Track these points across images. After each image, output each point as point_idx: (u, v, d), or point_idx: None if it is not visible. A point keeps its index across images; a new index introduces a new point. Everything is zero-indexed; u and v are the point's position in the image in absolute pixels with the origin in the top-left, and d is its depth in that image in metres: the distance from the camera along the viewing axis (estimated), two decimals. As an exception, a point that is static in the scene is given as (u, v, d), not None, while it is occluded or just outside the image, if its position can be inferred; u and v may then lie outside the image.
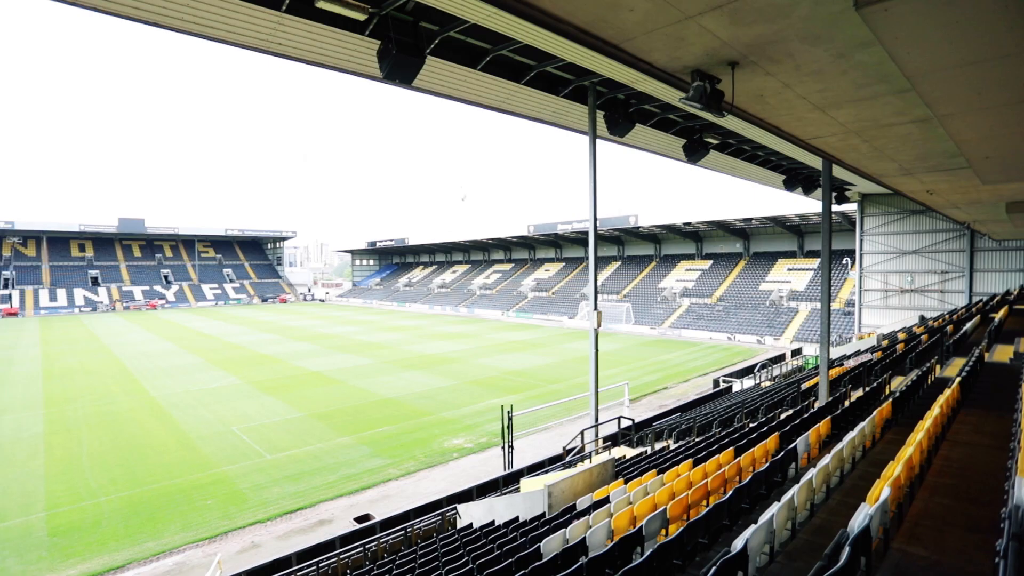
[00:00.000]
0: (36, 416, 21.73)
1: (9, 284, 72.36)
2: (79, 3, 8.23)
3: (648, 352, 37.25)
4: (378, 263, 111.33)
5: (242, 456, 17.05)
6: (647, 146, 18.60)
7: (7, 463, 16.64)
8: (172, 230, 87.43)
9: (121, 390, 26.15)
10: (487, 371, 30.23)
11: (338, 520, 12.95)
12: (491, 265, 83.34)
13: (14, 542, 12.08)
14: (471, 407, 22.61)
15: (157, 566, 11.24)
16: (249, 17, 9.24)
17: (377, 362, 33.22)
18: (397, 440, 18.53)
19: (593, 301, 15.27)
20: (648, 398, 24.49)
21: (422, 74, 10.53)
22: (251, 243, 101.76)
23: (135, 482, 15.20)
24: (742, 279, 51.64)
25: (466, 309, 68.66)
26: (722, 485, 7.51)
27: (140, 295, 78.59)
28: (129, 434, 19.31)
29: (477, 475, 14.99)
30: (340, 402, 23.54)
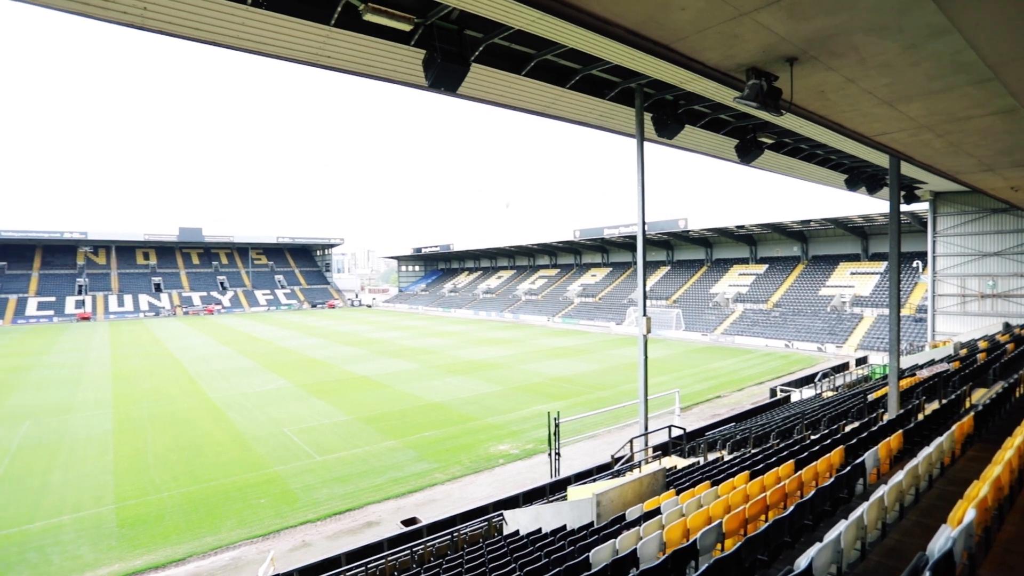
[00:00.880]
0: (106, 415, 23.10)
1: (83, 290, 77.61)
2: (147, 27, 8.71)
3: (699, 359, 36.25)
4: (423, 269, 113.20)
5: (293, 457, 17.56)
6: (697, 148, 18.13)
7: (81, 458, 17.73)
8: (227, 238, 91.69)
9: (181, 391, 27.49)
10: (533, 377, 30.13)
11: (385, 522, 13.12)
12: (536, 270, 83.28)
13: (88, 531, 12.82)
14: (517, 413, 22.56)
15: (215, 560, 11.68)
16: (300, 33, 9.54)
17: (423, 367, 33.68)
18: (443, 445, 18.66)
19: (642, 306, 14.95)
20: (700, 407, 23.79)
21: (467, 81, 10.60)
22: (301, 250, 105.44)
23: (195, 479, 15.89)
24: (800, 284, 49.59)
25: (511, 315, 68.81)
26: (782, 500, 7.14)
27: (198, 301, 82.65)
28: (189, 433, 20.24)
29: (523, 482, 14.90)
30: (387, 406, 23.95)
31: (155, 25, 8.75)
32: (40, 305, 71.67)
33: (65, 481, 15.85)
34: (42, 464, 17.28)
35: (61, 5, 7.92)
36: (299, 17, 9.16)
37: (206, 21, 8.87)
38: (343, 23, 9.48)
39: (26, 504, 14.32)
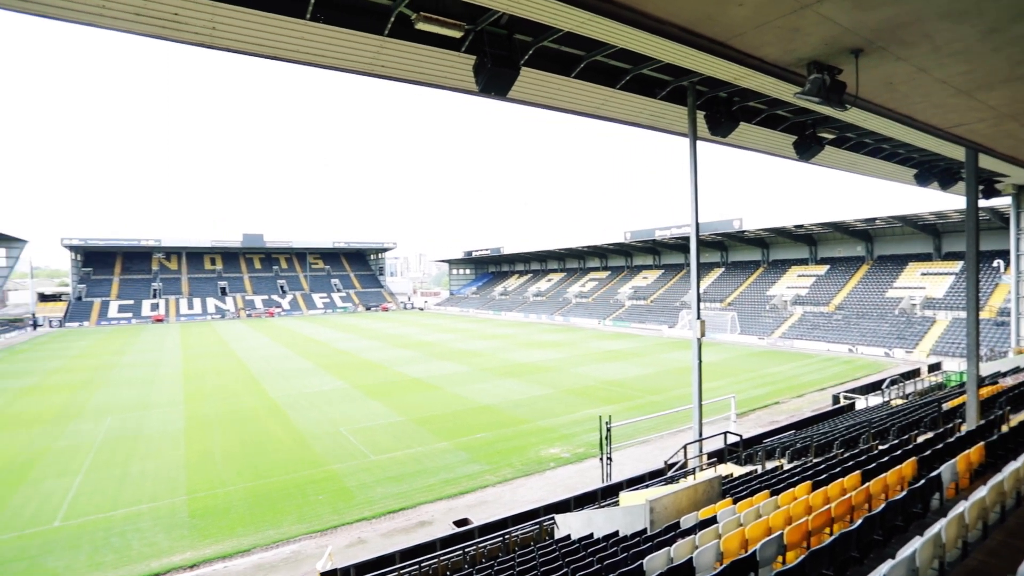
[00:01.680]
0: (178, 412, 24.59)
1: (157, 294, 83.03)
2: (216, 46, 9.24)
3: (756, 364, 34.94)
4: (474, 272, 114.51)
5: (349, 456, 18.12)
6: (753, 145, 17.52)
7: (157, 453, 18.94)
8: (287, 243, 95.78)
9: (245, 390, 28.90)
10: (584, 380, 29.91)
11: (437, 522, 13.32)
12: (587, 273, 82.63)
13: (163, 520, 13.68)
14: (568, 416, 22.44)
15: (277, 552, 12.20)
16: (356, 44, 9.87)
17: (474, 369, 34.04)
18: (494, 447, 18.79)
19: (696, 309, 14.57)
20: (757, 413, 22.94)
21: (516, 85, 10.66)
22: (355, 254, 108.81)
23: (258, 475, 16.66)
24: (865, 285, 46.99)
25: (561, 317, 68.54)
26: (848, 512, 6.79)
27: (260, 304, 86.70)
28: (252, 431, 21.24)
29: (574, 486, 14.80)
30: (439, 408, 24.35)
31: (223, 43, 9.27)
32: (120, 308, 77.17)
33: (143, 472, 16.98)
34: (123, 456, 18.58)
35: (143, 30, 8.52)
36: (354, 29, 9.49)
37: (268, 37, 9.33)
38: (396, 33, 9.75)
39: (110, 492, 15.44)
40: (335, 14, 9.19)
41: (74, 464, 17.89)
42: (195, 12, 8.38)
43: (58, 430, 21.98)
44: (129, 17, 8.24)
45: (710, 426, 19.50)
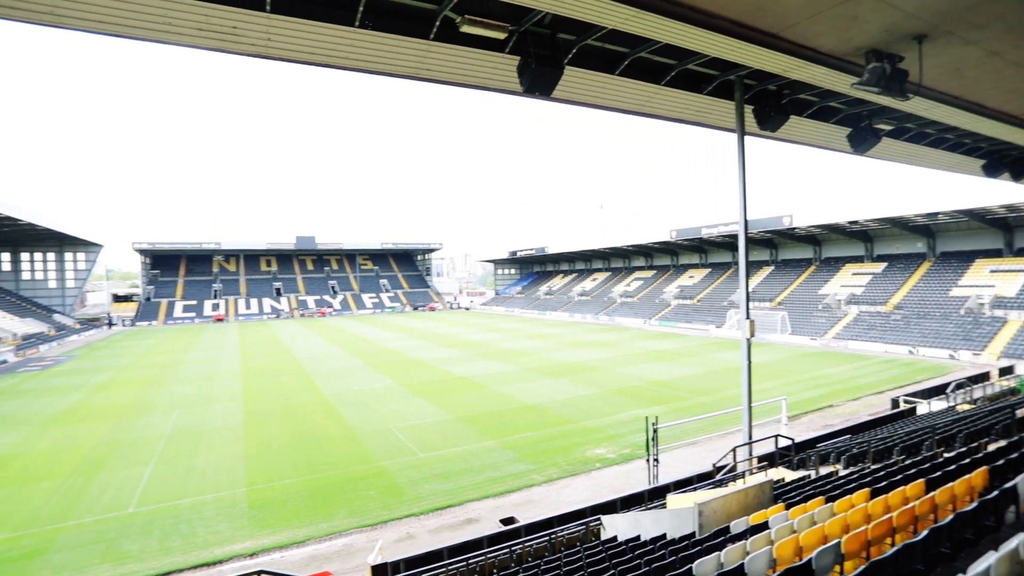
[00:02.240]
0: (237, 407, 25.81)
1: (217, 295, 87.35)
2: (270, 56, 9.67)
3: (808, 365, 33.57)
4: (519, 272, 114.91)
5: (398, 453, 18.55)
6: (803, 139, 16.84)
7: (218, 445, 19.96)
8: (337, 245, 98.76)
9: (299, 387, 30.03)
10: (630, 380, 29.55)
11: (484, 520, 13.47)
12: (632, 272, 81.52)
13: (225, 510, 14.41)
14: (613, 417, 22.23)
15: (330, 544, 12.64)
16: (402, 49, 10.10)
17: (520, 369, 34.18)
18: (539, 447, 18.83)
19: (744, 309, 14.16)
20: (809, 416, 22.05)
21: (560, 84, 10.64)
22: (403, 255, 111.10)
23: (311, 469, 17.29)
24: (926, 283, 44.34)
25: (606, 317, 67.89)
26: (911, 522, 6.46)
27: (313, 304, 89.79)
28: (306, 427, 22.06)
29: (620, 487, 14.66)
30: (485, 407, 24.59)
31: (277, 53, 9.69)
32: (184, 308, 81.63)
33: (206, 464, 17.93)
34: (188, 448, 19.69)
35: (205, 44, 9.01)
36: (401, 34, 9.72)
37: (320, 46, 9.68)
38: (441, 36, 9.93)
39: (177, 482, 16.40)
40: (382, 20, 9.44)
41: (145, 455, 19.09)
42: (252, 25, 8.79)
43: (131, 423, 23.50)
44: (193, 32, 8.74)
45: (760, 429, 18.89)
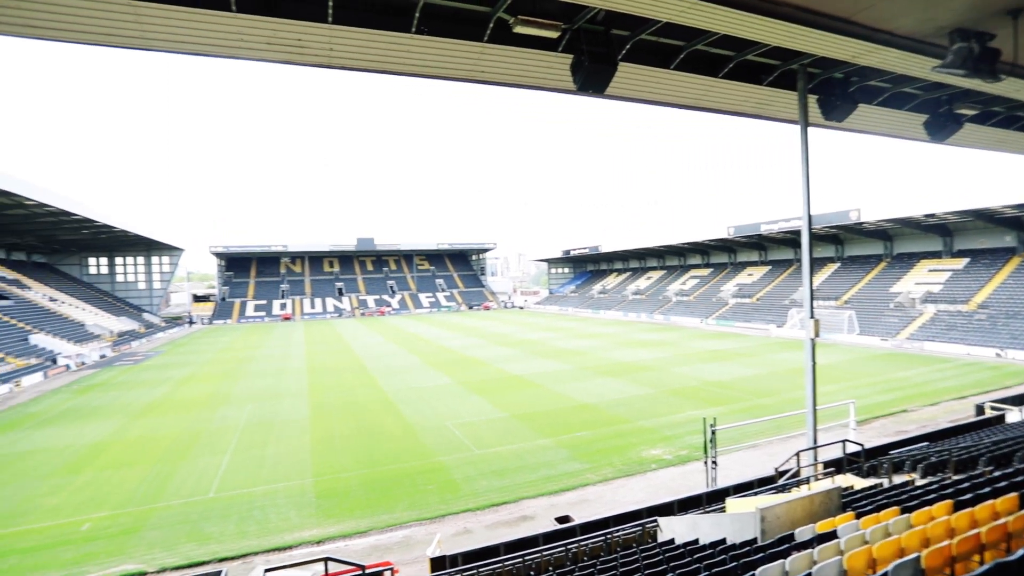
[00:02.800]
0: (304, 402, 27.09)
1: (284, 295, 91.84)
2: (333, 65, 10.10)
3: (878, 367, 31.56)
4: (572, 271, 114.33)
5: (455, 449, 18.93)
6: (873, 129, 15.85)
7: (287, 437, 21.04)
8: (395, 246, 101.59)
9: (360, 384, 31.16)
10: (686, 381, 28.83)
11: (539, 518, 13.55)
12: (687, 270, 79.38)
13: (294, 499, 15.20)
14: (669, 417, 21.78)
15: (391, 536, 13.08)
16: (457, 52, 10.31)
17: (574, 368, 34.05)
18: (594, 446, 18.72)
19: (808, 307, 13.52)
20: (881, 421, 20.76)
21: (614, 81, 10.55)
22: (458, 255, 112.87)
23: (372, 462, 17.93)
24: (1016, 280, 40.65)
25: (661, 316, 66.46)
26: (1003, 539, 5.99)
27: (372, 303, 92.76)
28: (367, 422, 22.87)
29: (677, 489, 14.37)
30: (539, 405, 24.67)
31: (339, 63, 10.12)
32: (255, 307, 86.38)
33: (277, 455, 18.96)
34: (260, 439, 20.87)
35: (273, 57, 9.55)
36: (456, 38, 9.94)
37: (379, 53, 10.04)
38: (495, 38, 10.06)
39: (251, 471, 17.44)
40: (438, 25, 9.69)
41: (223, 444, 20.41)
42: (316, 37, 9.25)
43: (210, 414, 25.17)
44: (262, 47, 9.28)
45: (825, 433, 17.96)
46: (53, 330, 48.46)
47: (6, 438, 22.80)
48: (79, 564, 12.14)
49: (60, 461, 19.20)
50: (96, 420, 25.03)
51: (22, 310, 50.12)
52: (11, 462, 19.38)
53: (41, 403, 29.84)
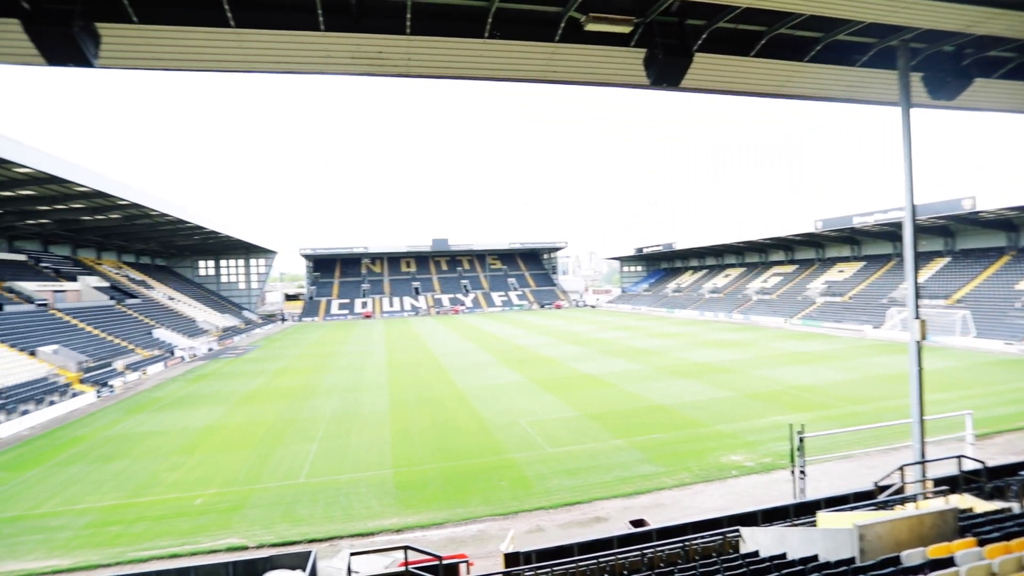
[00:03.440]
0: (383, 396, 28.31)
1: (365, 294, 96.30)
2: (411, 74, 10.47)
3: (1001, 375, 28.30)
4: (645, 269, 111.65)
5: (527, 446, 19.07)
6: (992, 105, 14.17)
7: (368, 429, 22.09)
8: (468, 246, 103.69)
9: (436, 379, 32.10)
10: (768, 384, 27.31)
11: (613, 520, 13.37)
12: (769, 267, 75.14)
13: (375, 488, 15.94)
14: (750, 422, 20.74)
15: (466, 529, 13.40)
16: (528, 54, 10.36)
17: (647, 368, 33.26)
18: (670, 448, 18.20)
19: (913, 307, 12.38)
20: (1006, 436, 18.62)
21: (688, 73, 10.20)
22: (529, 254, 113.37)
23: (447, 456, 18.44)
24: None
25: (741, 316, 63.39)
26: None
27: (447, 302, 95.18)
28: (442, 416, 23.54)
29: (759, 498, 13.68)
30: (612, 405, 24.32)
31: (416, 71, 10.47)
32: (340, 306, 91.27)
33: (359, 445, 19.96)
34: (345, 429, 22.07)
35: (356, 70, 10.05)
36: (527, 40, 10.01)
37: (453, 60, 10.30)
38: (566, 37, 10.03)
39: (336, 459, 18.48)
40: (510, 28, 9.79)
41: (312, 433, 21.78)
42: (395, 48, 9.64)
43: (301, 404, 26.93)
44: (346, 61, 9.80)
45: (935, 447, 16.34)
46: (171, 325, 53.85)
47: (136, 419, 25.75)
48: (193, 534, 13.48)
49: (178, 441, 21.39)
50: (206, 406, 27.55)
51: (147, 307, 56.05)
52: (141, 440, 21.92)
53: (163, 390, 33.28)
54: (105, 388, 32.68)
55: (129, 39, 8.64)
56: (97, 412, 27.87)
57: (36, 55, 7.74)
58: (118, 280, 59.05)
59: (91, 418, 26.61)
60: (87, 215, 44.00)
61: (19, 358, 31.99)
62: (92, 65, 8.00)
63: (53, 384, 30.29)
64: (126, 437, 22.59)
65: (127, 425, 24.71)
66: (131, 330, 47.12)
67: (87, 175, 32.39)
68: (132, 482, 17.24)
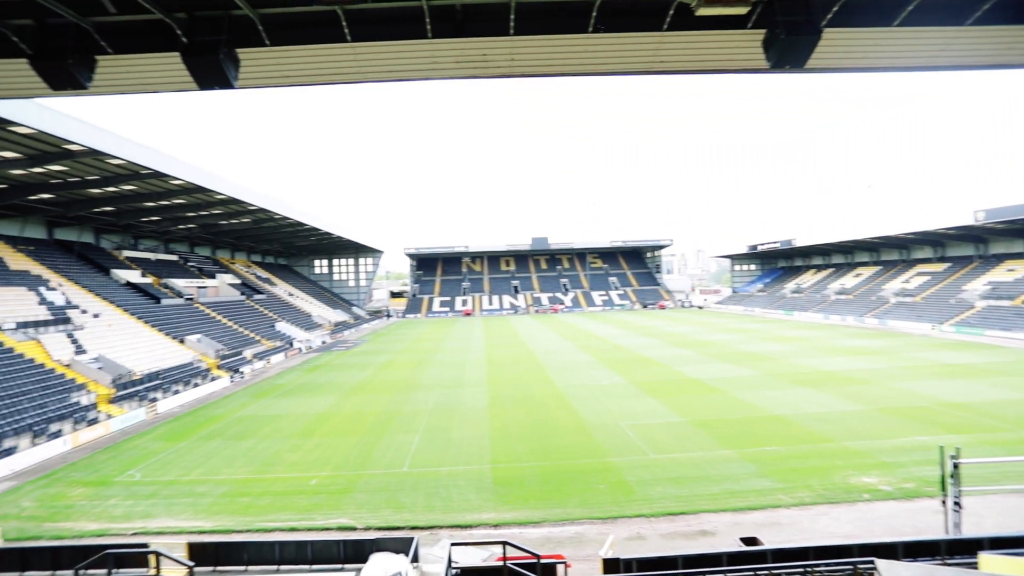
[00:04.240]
0: (483, 392, 28.92)
1: (465, 292, 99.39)
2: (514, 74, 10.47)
3: None
4: (760, 268, 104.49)
5: (628, 450, 18.47)
6: None
7: (469, 424, 22.64)
8: (568, 245, 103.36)
9: (534, 378, 32.22)
10: (910, 399, 24.13)
11: (721, 535, 12.53)
12: (912, 266, 66.77)
13: (473, 482, 16.27)
14: (887, 441, 18.44)
15: (563, 530, 13.23)
16: (634, 45, 9.93)
17: (761, 374, 30.95)
18: (787, 463, 16.71)
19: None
20: None
21: (816, 52, 9.19)
22: (632, 253, 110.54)
23: (544, 455, 18.36)
24: None
25: (875, 320, 56.94)
26: None
27: (546, 301, 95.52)
28: (541, 415, 23.52)
29: (899, 528, 12.12)
30: (721, 412, 22.89)
31: (520, 71, 10.45)
32: (441, 303, 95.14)
33: (460, 439, 20.52)
34: (445, 423, 22.82)
35: (461, 73, 10.25)
36: (633, 31, 9.59)
37: (557, 57, 10.15)
38: (675, 25, 9.47)
39: (437, 452, 19.15)
40: (615, 21, 9.43)
41: (415, 425, 22.78)
42: (498, 49, 9.69)
43: (405, 397, 28.33)
44: (451, 65, 10.02)
45: None
46: (291, 319, 59.33)
47: (262, 403, 28.60)
48: (309, 511, 14.62)
49: (297, 425, 23.41)
50: (320, 395, 29.89)
51: (271, 303, 62.26)
52: (266, 422, 24.28)
53: (283, 378, 36.68)
54: (237, 374, 36.84)
55: (263, 61, 9.51)
56: (230, 395, 31.35)
57: (190, 81, 8.81)
58: (248, 277, 66.11)
59: (225, 400, 30.00)
60: (223, 220, 50.17)
61: (171, 345, 36.99)
62: (233, 87, 8.90)
63: (197, 368, 34.63)
64: (254, 419, 25.16)
65: (254, 408, 27.52)
66: (258, 323, 52.52)
67: (224, 184, 36.97)
68: (259, 459, 19.13)
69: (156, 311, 41.22)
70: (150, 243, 53.98)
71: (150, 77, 9.79)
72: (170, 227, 50.80)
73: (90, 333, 31.86)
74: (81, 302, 34.70)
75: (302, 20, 9.12)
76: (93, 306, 35.29)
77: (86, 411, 24.16)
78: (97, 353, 29.93)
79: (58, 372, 26.60)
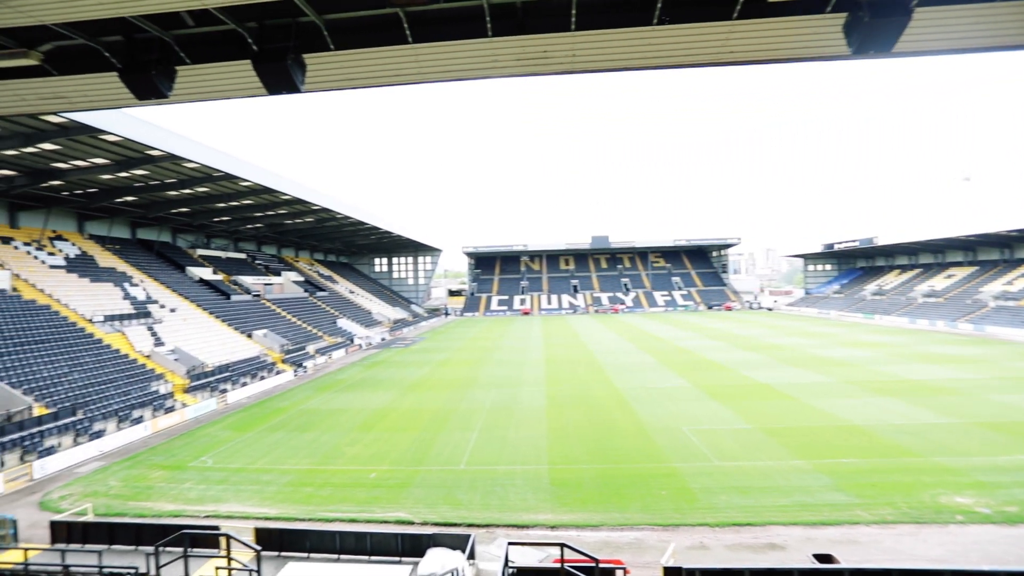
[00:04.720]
0: (540, 391, 28.81)
1: (523, 291, 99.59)
2: (575, 70, 10.30)
3: None
4: (836, 268, 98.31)
5: (691, 456, 17.83)
6: None
7: (526, 423, 22.61)
8: (630, 244, 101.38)
9: (593, 379, 31.76)
10: (1014, 413, 21.82)
11: (791, 549, 11.84)
12: (1015, 267, 60.56)
13: (530, 481, 16.21)
14: (984, 458, 16.79)
15: (622, 535, 12.92)
16: (701, 36, 9.53)
17: (837, 381, 29.07)
18: (866, 477, 15.56)
19: None
20: None
21: (905, 34, 8.45)
22: (697, 252, 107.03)
23: (603, 457, 18.03)
24: None
25: (970, 325, 52.13)
26: None
27: (606, 300, 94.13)
28: (599, 417, 23.14)
29: (999, 556, 10.98)
30: (792, 420, 21.68)
31: (581, 67, 10.27)
32: (499, 302, 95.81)
33: (516, 438, 20.52)
34: (502, 422, 22.90)
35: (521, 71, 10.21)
36: (700, 21, 9.19)
37: (618, 51, 9.88)
38: (746, 13, 9.01)
39: (494, 450, 19.24)
40: (680, 11, 9.08)
41: (472, 423, 23.01)
42: (559, 46, 9.56)
43: (462, 395, 28.69)
44: (511, 63, 9.99)
45: None
46: (352, 316, 61.65)
47: (323, 397, 29.83)
48: (368, 504, 15.07)
49: (357, 420, 24.22)
50: (380, 390, 30.81)
51: (333, 300, 64.95)
52: (328, 416, 25.27)
53: (344, 373, 38.12)
54: (300, 368, 38.66)
55: (327, 65, 9.85)
56: (294, 388, 32.93)
57: (259, 87, 9.27)
58: (311, 275, 69.23)
59: (290, 393, 31.54)
60: (288, 219, 52.96)
61: (240, 339, 39.35)
62: (299, 90, 9.28)
63: (263, 362, 36.64)
64: (316, 412, 26.26)
65: (317, 402, 28.72)
66: (320, 319, 54.87)
67: (288, 184, 38.97)
68: (320, 451, 19.92)
69: (226, 307, 44.00)
70: (221, 242, 57.83)
71: (223, 84, 10.38)
72: (239, 227, 54.11)
73: (167, 326, 34.54)
74: (160, 297, 37.67)
75: (365, 24, 9.37)
76: (170, 301, 38.22)
77: (164, 399, 26.19)
78: (174, 345, 32.37)
79: (140, 362, 29.00)
